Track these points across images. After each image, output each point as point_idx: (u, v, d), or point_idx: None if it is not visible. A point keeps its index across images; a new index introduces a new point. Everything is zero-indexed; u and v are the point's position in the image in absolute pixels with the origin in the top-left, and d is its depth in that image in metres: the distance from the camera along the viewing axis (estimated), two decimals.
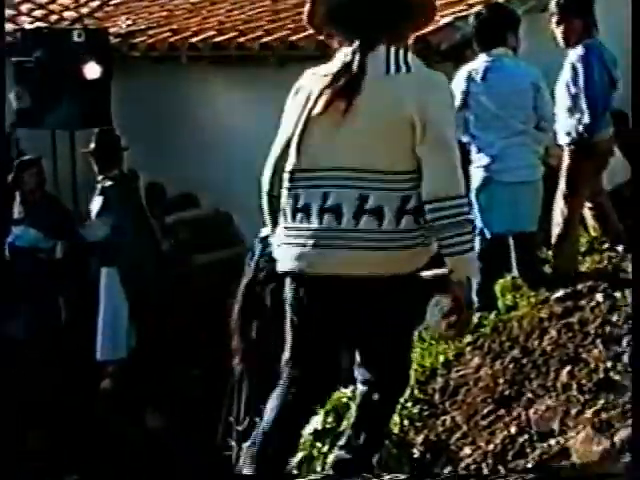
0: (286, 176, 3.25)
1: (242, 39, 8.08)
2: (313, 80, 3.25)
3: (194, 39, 8.44)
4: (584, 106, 4.98)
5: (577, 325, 4.48)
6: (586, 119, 4.99)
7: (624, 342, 4.18)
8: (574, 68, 5.03)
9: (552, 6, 5.18)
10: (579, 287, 4.87)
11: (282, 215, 3.29)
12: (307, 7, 3.36)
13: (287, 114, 3.31)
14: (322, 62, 3.44)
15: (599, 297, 4.70)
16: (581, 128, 5.01)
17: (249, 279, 5.35)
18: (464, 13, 6.63)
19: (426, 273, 3.29)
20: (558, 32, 5.14)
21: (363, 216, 3.14)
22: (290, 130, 3.25)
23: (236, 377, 5.33)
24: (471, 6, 6.82)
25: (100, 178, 7.42)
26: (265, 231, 5.54)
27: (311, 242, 3.19)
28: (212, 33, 8.46)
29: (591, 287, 4.85)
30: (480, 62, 5.10)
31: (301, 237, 3.22)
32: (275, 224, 3.36)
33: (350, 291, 3.20)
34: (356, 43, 3.18)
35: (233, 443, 4.31)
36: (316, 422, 4.13)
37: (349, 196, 3.14)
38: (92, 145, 7.53)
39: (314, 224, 3.19)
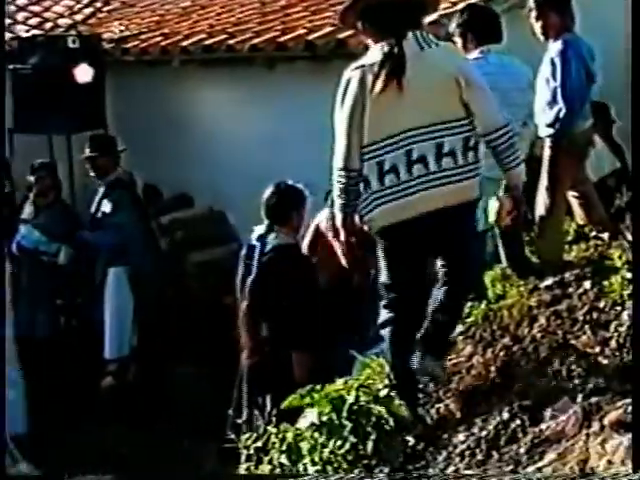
0: (366, 149, 3.87)
1: (232, 41, 8.14)
2: (362, 70, 3.89)
3: (185, 42, 8.51)
4: (561, 100, 5.05)
5: (566, 312, 4.51)
6: (563, 113, 5.06)
7: (611, 327, 4.21)
8: (553, 63, 5.09)
9: (530, 1, 5.23)
10: (567, 275, 4.93)
11: (364, 184, 3.91)
12: (341, 10, 4.07)
13: (347, 101, 3.90)
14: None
15: (587, 284, 4.74)
16: (558, 123, 5.09)
17: (255, 276, 5.42)
18: (449, 10, 6.70)
19: None
20: (537, 27, 5.20)
21: (443, 159, 3.89)
22: (354, 113, 3.86)
23: (245, 372, 5.41)
24: (454, 4, 6.90)
25: (101, 181, 7.52)
26: (259, 229, 5.63)
27: (408, 192, 3.88)
28: (203, 36, 8.53)
29: (578, 275, 4.91)
30: (476, 56, 4.98)
31: (396, 193, 3.88)
32: (349, 198, 3.92)
33: (436, 221, 3.91)
34: (391, 39, 3.85)
35: (233, 435, 4.37)
36: (312, 416, 4.18)
37: (429, 147, 3.88)
38: (87, 149, 7.61)
39: (404, 178, 3.88)
